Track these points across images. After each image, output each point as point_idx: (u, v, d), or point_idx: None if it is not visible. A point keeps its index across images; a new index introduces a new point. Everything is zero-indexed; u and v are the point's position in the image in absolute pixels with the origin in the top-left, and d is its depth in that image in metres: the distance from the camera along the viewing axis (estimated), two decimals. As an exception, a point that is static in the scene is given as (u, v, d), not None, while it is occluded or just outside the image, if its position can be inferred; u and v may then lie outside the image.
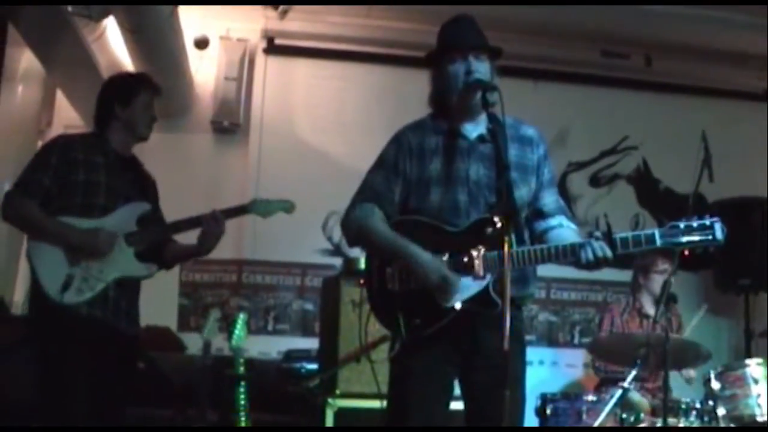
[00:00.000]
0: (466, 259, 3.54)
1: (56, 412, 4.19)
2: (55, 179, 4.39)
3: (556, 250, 3.52)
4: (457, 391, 3.74)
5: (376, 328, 3.75)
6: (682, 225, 3.48)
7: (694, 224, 3.48)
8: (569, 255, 3.50)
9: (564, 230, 3.76)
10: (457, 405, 3.71)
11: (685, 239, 3.47)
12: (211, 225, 4.61)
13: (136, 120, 4.64)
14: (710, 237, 3.48)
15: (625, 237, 3.48)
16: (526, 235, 3.77)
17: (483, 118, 3.70)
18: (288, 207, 4.98)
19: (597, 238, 3.46)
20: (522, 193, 3.67)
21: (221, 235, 4.67)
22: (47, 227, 4.35)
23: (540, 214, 3.82)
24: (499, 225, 3.49)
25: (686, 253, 4.01)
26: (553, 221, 3.81)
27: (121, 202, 4.53)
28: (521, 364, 3.69)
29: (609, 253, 3.44)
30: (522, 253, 3.51)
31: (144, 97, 4.67)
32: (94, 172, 4.47)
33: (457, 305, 3.52)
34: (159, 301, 7.31)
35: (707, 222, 3.48)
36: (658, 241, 3.47)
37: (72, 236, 4.33)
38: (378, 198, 3.75)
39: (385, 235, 3.67)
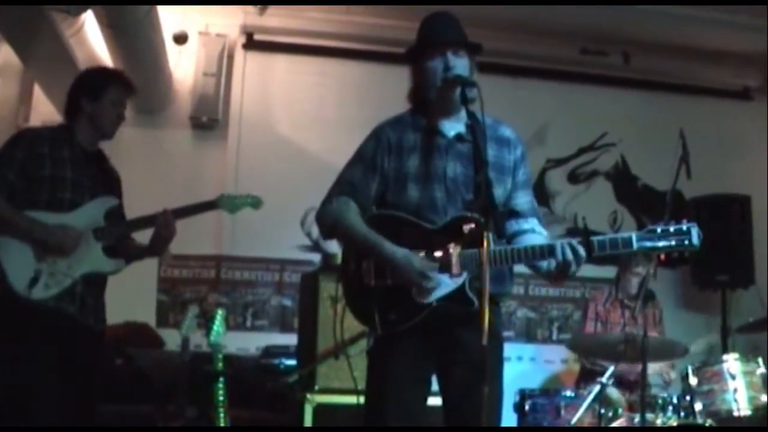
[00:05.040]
0: (442, 257, 3.55)
1: (24, 407, 4.14)
2: (21, 174, 4.35)
3: (533, 251, 3.52)
4: (435, 386, 3.74)
5: (354, 324, 3.75)
6: (659, 229, 3.47)
7: (671, 229, 3.47)
8: (546, 255, 3.49)
9: (535, 237, 3.74)
10: (435, 401, 3.71)
11: (661, 243, 3.46)
12: (162, 227, 4.61)
13: (103, 116, 4.58)
14: (686, 242, 3.46)
15: (602, 240, 3.48)
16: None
17: (462, 115, 3.69)
18: (255, 203, 5.03)
19: (571, 244, 3.46)
20: (498, 193, 3.65)
21: (172, 236, 4.66)
22: (13, 221, 4.29)
23: (512, 214, 3.81)
24: (475, 221, 3.51)
25: (662, 257, 4.03)
26: (525, 224, 3.80)
27: (89, 197, 4.49)
28: (499, 360, 3.69)
29: (582, 253, 3.45)
30: (498, 253, 3.51)
31: (114, 93, 4.61)
32: (60, 167, 4.43)
33: (432, 302, 3.52)
34: (137, 298, 7.33)
35: (684, 227, 3.47)
36: (635, 245, 3.47)
37: (38, 231, 4.29)
38: (354, 192, 3.75)
39: (359, 230, 3.67)
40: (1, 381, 4.23)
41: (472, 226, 3.52)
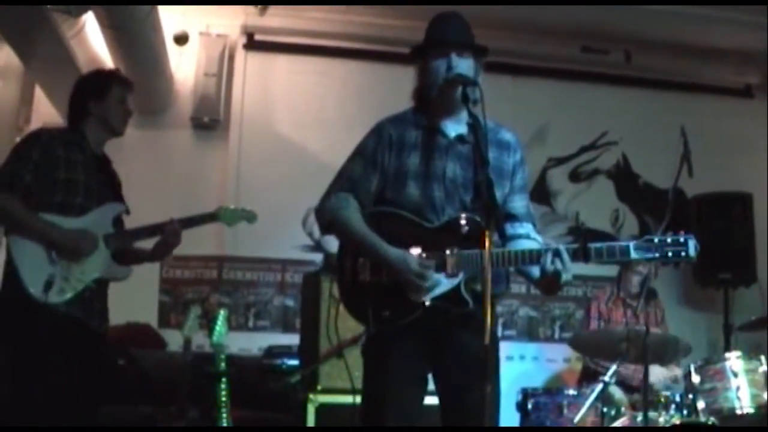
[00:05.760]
0: (439, 256, 3.56)
1: (30, 409, 4.16)
2: (36, 175, 4.36)
3: (525, 255, 3.54)
4: (431, 386, 3.74)
5: (355, 324, 3.74)
6: (656, 239, 3.48)
7: (669, 240, 3.47)
8: (535, 260, 3.51)
9: (530, 242, 3.75)
10: (431, 400, 3.71)
11: (658, 254, 3.48)
12: (169, 236, 4.67)
13: (111, 115, 4.63)
14: (683, 254, 3.46)
15: (599, 247, 3.49)
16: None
17: (463, 116, 3.69)
18: (251, 217, 5.11)
19: (557, 252, 3.46)
20: (496, 195, 3.65)
21: (177, 245, 4.75)
22: (31, 224, 4.31)
23: (508, 218, 3.82)
24: (466, 226, 3.53)
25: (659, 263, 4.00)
26: (520, 228, 3.82)
27: (97, 202, 4.53)
28: (495, 359, 3.69)
29: (566, 258, 3.45)
30: (496, 255, 3.51)
31: (117, 91, 4.67)
32: (73, 170, 4.45)
33: (427, 301, 3.53)
34: (139, 298, 7.32)
35: (681, 238, 3.47)
36: (632, 254, 3.48)
37: (56, 235, 4.31)
38: (354, 188, 3.76)
39: (357, 228, 3.68)
40: (12, 382, 4.27)
41: (471, 226, 3.53)
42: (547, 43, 8.93)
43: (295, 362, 6.75)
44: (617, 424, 5.76)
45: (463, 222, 3.57)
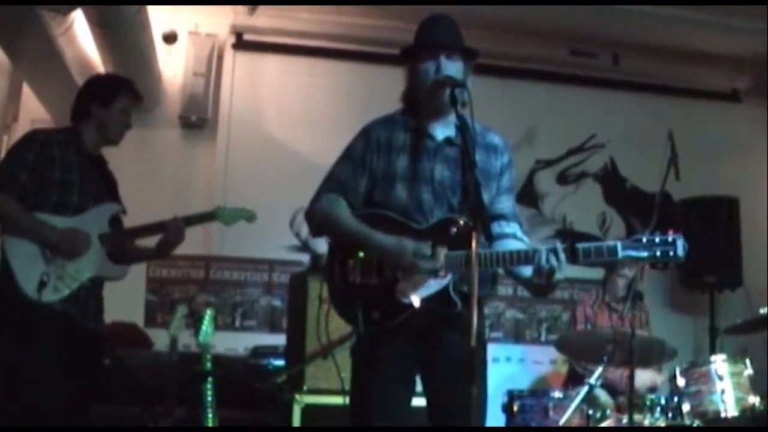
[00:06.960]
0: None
1: (26, 407, 4.20)
2: (32, 176, 4.39)
3: (517, 255, 3.52)
4: (419, 387, 3.75)
5: (342, 324, 3.74)
6: (644, 239, 3.46)
7: (657, 239, 3.46)
8: (530, 260, 3.48)
9: (516, 242, 3.76)
10: (419, 402, 3.72)
11: (646, 253, 3.46)
12: (172, 233, 4.72)
13: (110, 123, 4.66)
14: (671, 253, 3.45)
15: (587, 247, 3.47)
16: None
17: (451, 119, 3.69)
18: (249, 216, 5.15)
19: (554, 250, 3.45)
20: (484, 197, 3.65)
21: (180, 243, 4.79)
22: (26, 224, 4.35)
23: (495, 217, 3.82)
24: (462, 224, 3.53)
25: (645, 267, 3.98)
26: (507, 228, 3.83)
27: (93, 202, 4.56)
28: (482, 361, 3.69)
29: (563, 258, 3.44)
30: (483, 256, 3.50)
31: (123, 102, 4.69)
32: (68, 170, 4.48)
33: (416, 303, 3.52)
34: (126, 297, 7.28)
35: (669, 238, 3.46)
36: (620, 254, 3.45)
37: (50, 235, 4.35)
38: (344, 189, 3.76)
39: (349, 224, 3.69)
40: (8, 381, 4.29)
41: (459, 227, 3.53)
42: (535, 46, 8.95)
43: (281, 362, 6.76)
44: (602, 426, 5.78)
45: (451, 223, 3.57)
